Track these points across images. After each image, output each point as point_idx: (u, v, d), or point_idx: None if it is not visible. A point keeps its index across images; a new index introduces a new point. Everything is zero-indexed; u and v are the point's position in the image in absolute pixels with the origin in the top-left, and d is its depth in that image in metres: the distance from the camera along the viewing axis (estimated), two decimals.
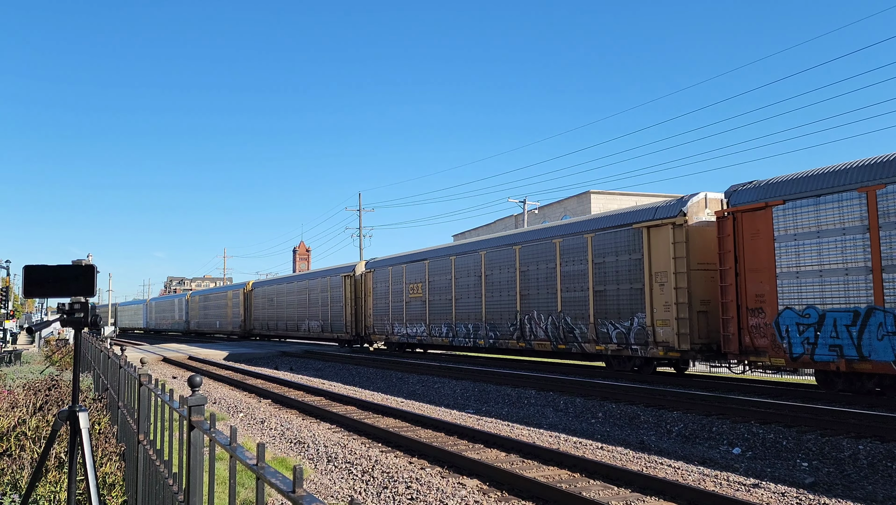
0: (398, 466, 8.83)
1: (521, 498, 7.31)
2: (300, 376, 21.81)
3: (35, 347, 33.42)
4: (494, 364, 22.09)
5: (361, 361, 25.28)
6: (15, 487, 5.18)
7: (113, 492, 5.16)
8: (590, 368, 19.73)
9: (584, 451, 9.79)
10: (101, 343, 9.87)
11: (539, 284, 19.65)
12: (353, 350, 32.15)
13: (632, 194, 46.50)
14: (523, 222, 43.95)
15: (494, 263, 21.68)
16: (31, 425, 6.02)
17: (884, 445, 9.05)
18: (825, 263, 12.39)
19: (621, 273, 16.94)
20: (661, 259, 15.78)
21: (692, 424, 11.35)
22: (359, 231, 51.70)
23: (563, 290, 18.68)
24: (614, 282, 17.14)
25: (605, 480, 7.97)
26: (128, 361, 6.01)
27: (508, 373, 18.03)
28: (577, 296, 18.29)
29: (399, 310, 27.47)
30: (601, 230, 17.57)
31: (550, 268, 19.31)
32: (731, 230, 14.05)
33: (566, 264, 18.75)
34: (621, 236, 16.99)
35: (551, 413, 13.55)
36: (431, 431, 11.40)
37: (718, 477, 8.18)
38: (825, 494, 7.46)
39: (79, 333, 3.98)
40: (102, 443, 5.81)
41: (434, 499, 7.27)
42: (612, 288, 17.22)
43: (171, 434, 3.60)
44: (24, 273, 3.72)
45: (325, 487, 8.12)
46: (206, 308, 54.44)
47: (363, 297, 30.97)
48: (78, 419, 3.72)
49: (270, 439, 11.29)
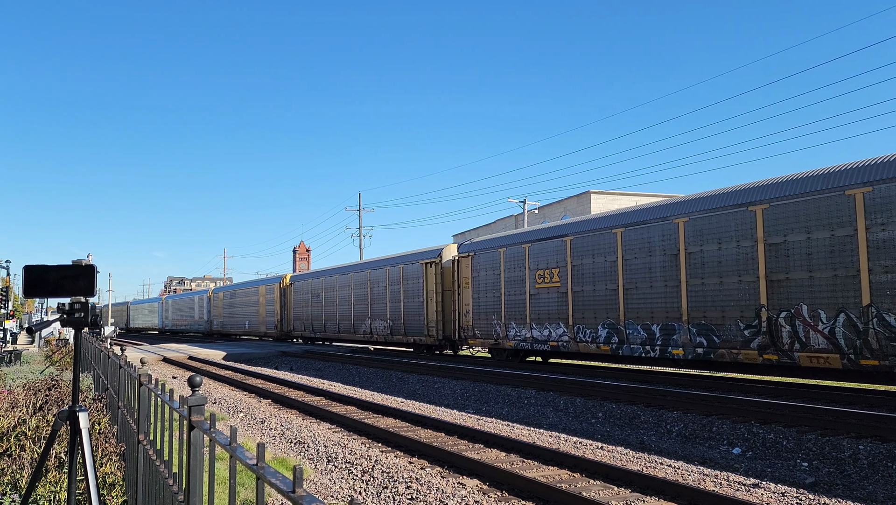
0: (398, 465, 8.83)
1: (521, 498, 7.31)
2: (300, 376, 21.80)
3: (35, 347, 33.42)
4: (493, 364, 22.05)
5: (361, 361, 25.26)
6: (15, 487, 5.18)
7: (113, 492, 5.16)
8: (590, 368, 19.62)
9: (584, 451, 9.79)
10: (101, 343, 9.87)
11: (812, 263, 12.76)
12: (443, 358, 25.62)
13: (632, 194, 46.51)
14: (523, 222, 43.93)
15: (706, 234, 14.84)
16: (31, 425, 6.02)
17: (884, 445, 9.04)
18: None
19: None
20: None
21: (692, 424, 11.35)
22: (359, 231, 51.70)
23: (873, 270, 11.86)
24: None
25: (605, 480, 7.96)
26: (128, 360, 6.01)
27: (508, 373, 18.01)
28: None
29: (518, 305, 20.77)
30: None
31: (842, 236, 12.35)
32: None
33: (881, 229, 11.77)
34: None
35: (551, 413, 13.54)
36: (431, 431, 11.39)
37: (718, 477, 8.18)
38: (825, 494, 7.46)
39: (79, 333, 3.98)
40: (102, 443, 5.80)
41: (434, 499, 7.27)
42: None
43: (171, 434, 3.60)
44: (24, 273, 3.72)
45: (325, 487, 8.11)
46: (233, 306, 48.16)
47: (455, 289, 24.32)
48: (78, 419, 3.72)
49: (270, 439, 11.29)
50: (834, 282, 12.48)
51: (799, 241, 13.08)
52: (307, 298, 37.03)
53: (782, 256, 13.36)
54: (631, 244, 16.82)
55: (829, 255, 12.56)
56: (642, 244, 16.50)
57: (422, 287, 26.16)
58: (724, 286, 14.55)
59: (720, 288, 14.63)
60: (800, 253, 13.07)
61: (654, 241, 16.15)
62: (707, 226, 14.94)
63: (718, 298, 14.64)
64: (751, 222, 13.97)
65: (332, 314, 34.08)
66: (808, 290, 12.93)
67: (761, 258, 13.71)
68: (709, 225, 14.89)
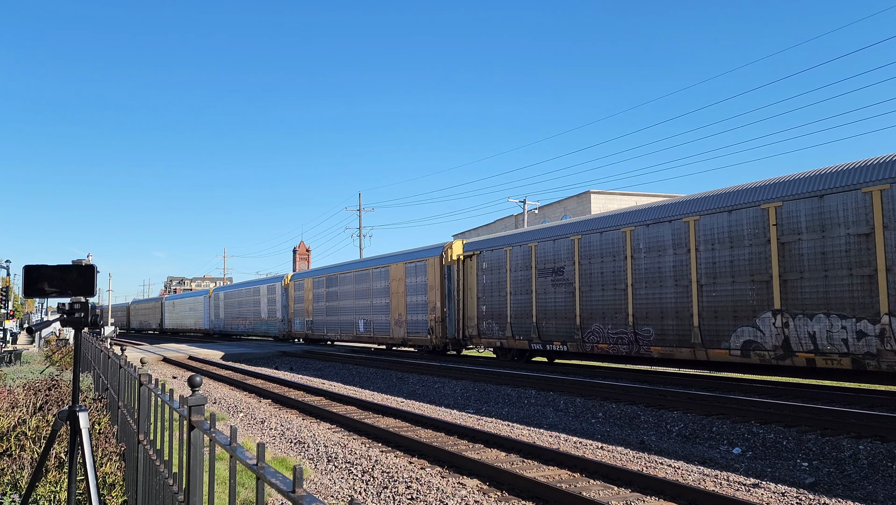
0: (398, 465, 8.83)
1: (521, 498, 7.31)
2: (300, 376, 21.80)
3: (35, 347, 33.41)
4: (494, 364, 22.06)
5: (361, 361, 25.26)
6: (15, 487, 5.17)
7: (113, 492, 5.16)
8: (590, 368, 19.60)
9: (584, 451, 9.78)
10: (101, 343, 9.87)
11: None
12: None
13: (632, 194, 46.49)
14: (523, 222, 43.94)
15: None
16: (31, 425, 6.02)
17: (884, 445, 9.04)
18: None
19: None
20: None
21: (692, 424, 11.35)
22: (359, 231, 51.71)
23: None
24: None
25: (605, 479, 7.96)
26: (128, 360, 6.00)
27: (508, 373, 18.01)
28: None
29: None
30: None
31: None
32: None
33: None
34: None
35: (551, 413, 13.54)
36: (431, 431, 11.39)
37: (718, 477, 8.18)
38: (825, 494, 7.46)
39: (79, 333, 3.98)
40: (102, 443, 5.80)
41: (434, 499, 7.26)
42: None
43: (171, 434, 3.60)
44: (24, 273, 3.72)
45: (325, 487, 8.11)
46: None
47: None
48: (78, 419, 3.72)
49: (270, 439, 11.28)
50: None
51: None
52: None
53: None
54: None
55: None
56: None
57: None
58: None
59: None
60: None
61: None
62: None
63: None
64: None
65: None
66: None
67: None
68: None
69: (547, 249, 19.61)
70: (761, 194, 13.90)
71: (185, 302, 60.50)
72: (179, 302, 62.21)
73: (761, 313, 13.64)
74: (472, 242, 23.77)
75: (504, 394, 15.80)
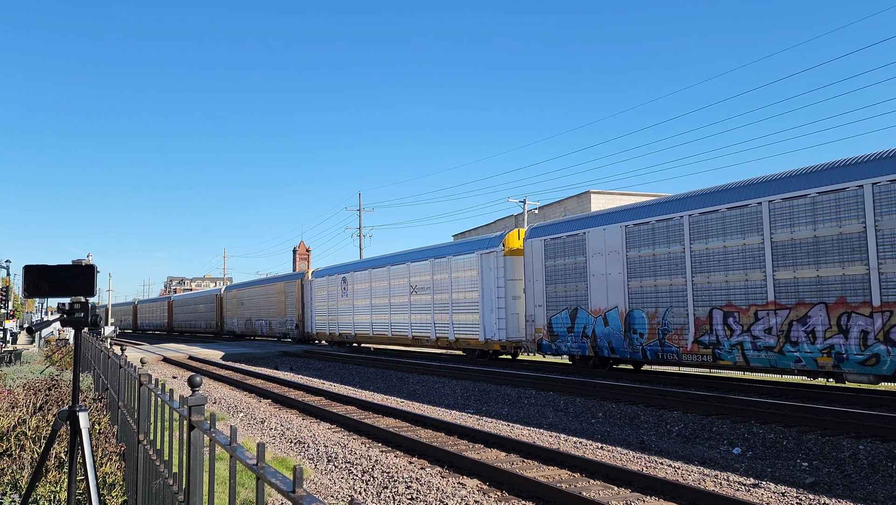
0: (398, 465, 8.83)
1: (521, 498, 7.31)
2: (300, 376, 21.80)
3: (35, 347, 33.41)
4: (495, 364, 22.04)
5: (361, 361, 25.26)
6: (15, 487, 5.17)
7: (113, 492, 5.16)
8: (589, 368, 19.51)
9: (584, 451, 9.78)
10: (101, 343, 9.87)
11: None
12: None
13: (632, 194, 46.50)
14: (523, 222, 43.95)
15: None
16: (31, 425, 6.02)
17: (884, 445, 9.04)
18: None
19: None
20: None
21: (692, 424, 11.35)
22: (359, 231, 51.72)
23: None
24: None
25: (605, 479, 7.96)
26: (128, 360, 6.01)
27: (508, 373, 18.01)
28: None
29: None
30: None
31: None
32: None
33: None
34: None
35: (551, 413, 13.54)
36: (431, 431, 11.39)
37: (718, 477, 8.18)
38: (825, 494, 7.46)
39: (79, 333, 3.98)
40: (102, 443, 5.80)
41: (434, 499, 7.27)
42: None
43: (171, 434, 3.60)
44: (24, 273, 3.72)
45: (325, 487, 8.11)
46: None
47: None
48: (78, 419, 3.72)
49: (270, 439, 11.29)
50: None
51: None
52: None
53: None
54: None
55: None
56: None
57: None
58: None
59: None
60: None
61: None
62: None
63: None
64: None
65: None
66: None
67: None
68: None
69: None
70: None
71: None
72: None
73: None
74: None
75: (504, 394, 15.80)
